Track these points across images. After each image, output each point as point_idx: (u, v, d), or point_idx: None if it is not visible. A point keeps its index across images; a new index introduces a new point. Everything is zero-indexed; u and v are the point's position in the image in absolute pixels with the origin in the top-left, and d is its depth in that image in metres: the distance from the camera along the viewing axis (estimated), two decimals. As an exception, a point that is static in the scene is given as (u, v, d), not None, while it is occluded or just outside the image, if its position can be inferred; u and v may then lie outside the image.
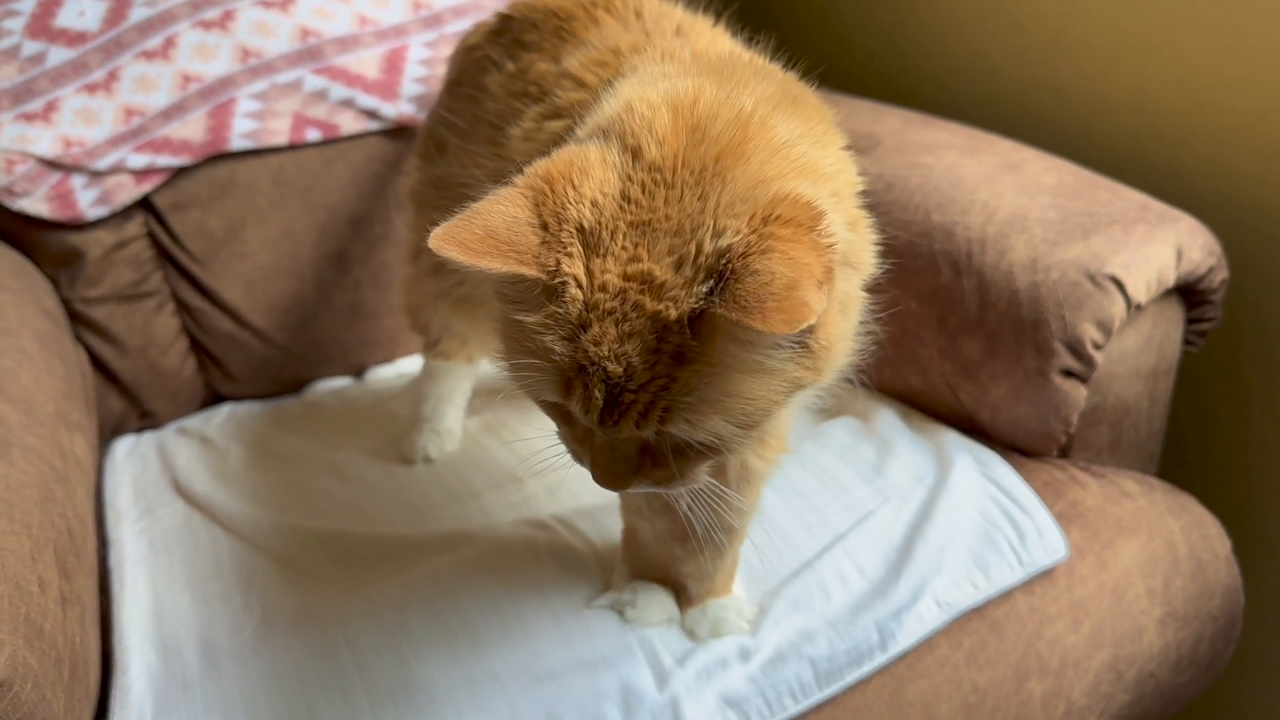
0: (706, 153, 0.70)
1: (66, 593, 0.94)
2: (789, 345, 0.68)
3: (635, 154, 0.71)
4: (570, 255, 0.69)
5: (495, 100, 1.03)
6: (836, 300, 0.71)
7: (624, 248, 0.68)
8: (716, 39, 0.96)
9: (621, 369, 0.67)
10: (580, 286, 0.68)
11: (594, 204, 0.70)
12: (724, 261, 0.66)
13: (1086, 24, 1.49)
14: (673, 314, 0.66)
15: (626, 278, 0.67)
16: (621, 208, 0.69)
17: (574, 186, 0.70)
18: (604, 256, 0.68)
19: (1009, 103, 1.61)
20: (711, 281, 0.66)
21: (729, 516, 0.88)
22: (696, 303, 0.66)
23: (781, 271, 0.63)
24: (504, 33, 1.08)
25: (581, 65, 0.92)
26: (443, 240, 0.67)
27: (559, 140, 0.80)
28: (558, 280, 0.68)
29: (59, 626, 0.90)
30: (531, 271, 0.68)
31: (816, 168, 0.74)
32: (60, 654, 0.88)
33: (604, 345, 0.67)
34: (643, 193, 0.69)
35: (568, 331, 0.69)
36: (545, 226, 0.69)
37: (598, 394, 0.68)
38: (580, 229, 0.69)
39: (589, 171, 0.71)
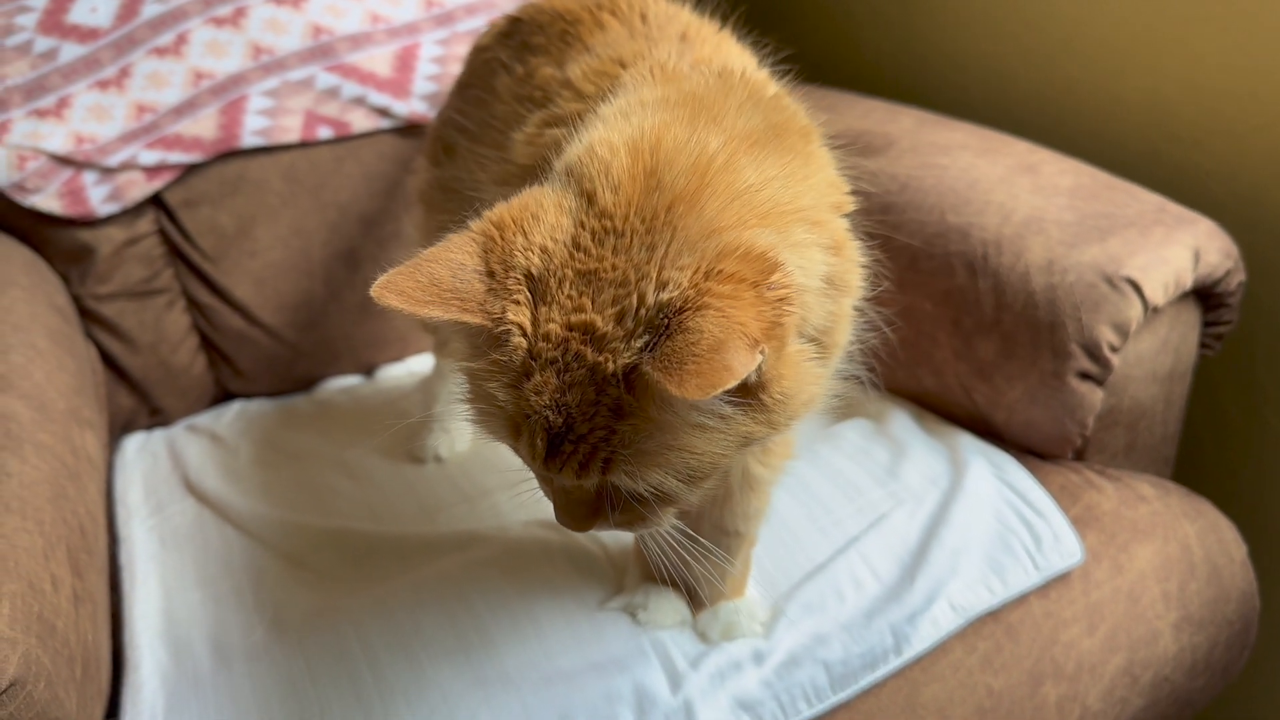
0: (659, 200, 0.68)
1: (79, 590, 0.94)
2: (734, 402, 0.67)
3: (590, 199, 0.70)
4: (517, 303, 0.68)
5: (503, 103, 1.02)
6: (794, 350, 0.69)
7: (569, 297, 0.67)
8: (721, 45, 0.95)
9: (561, 419, 0.66)
10: (524, 335, 0.67)
11: (544, 250, 0.69)
12: (663, 316, 0.65)
13: (1100, 24, 1.48)
14: (610, 367, 0.65)
15: (570, 327, 0.66)
16: (571, 255, 0.68)
17: (524, 233, 0.69)
18: (550, 305, 0.67)
19: (1021, 103, 1.60)
20: (648, 336, 0.65)
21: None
22: (632, 357, 0.65)
23: (710, 331, 0.61)
24: (513, 35, 1.07)
25: (583, 75, 0.92)
26: (384, 289, 0.66)
27: (559, 146, 0.80)
28: (501, 328, 0.68)
29: (71, 624, 0.89)
30: (474, 319, 0.68)
31: (785, 207, 0.71)
32: (73, 652, 0.88)
33: (545, 395, 0.66)
34: (593, 240, 0.68)
35: (511, 379, 0.68)
36: (492, 274, 0.68)
37: (539, 442, 0.68)
38: (528, 276, 0.68)
39: (541, 217, 0.70)
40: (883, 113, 1.47)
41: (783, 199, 0.71)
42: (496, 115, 1.02)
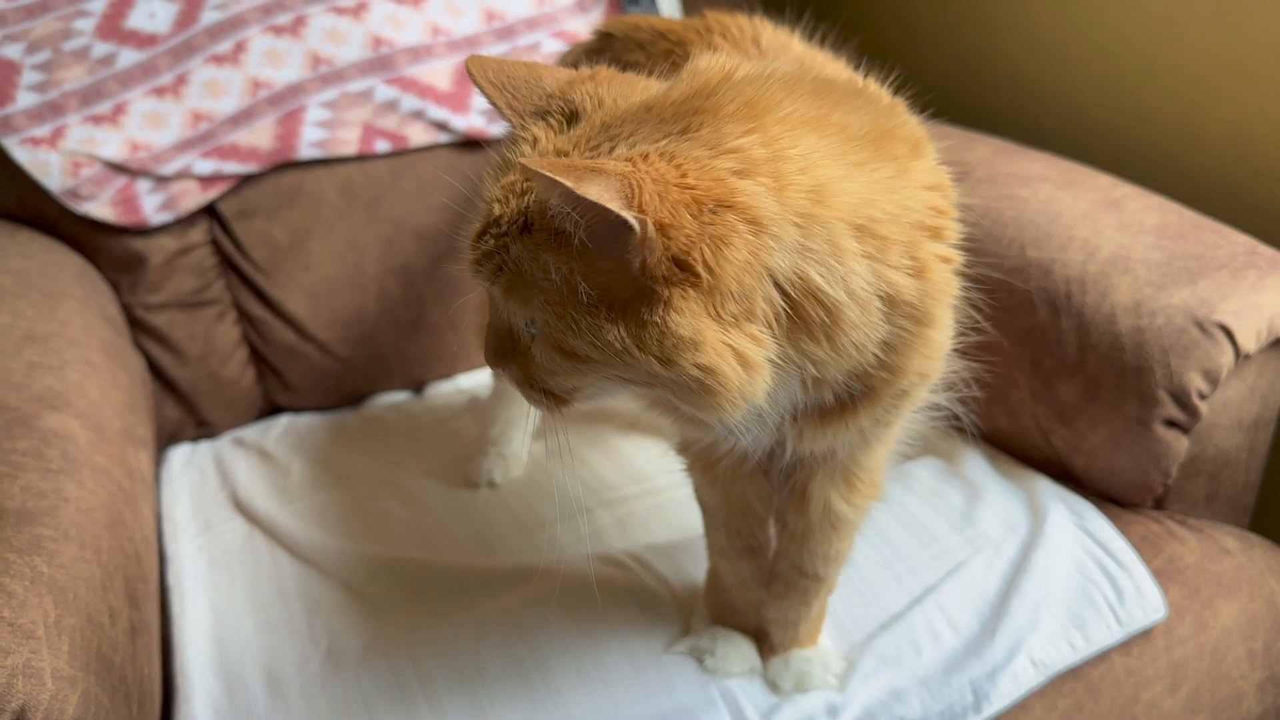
0: (704, 104, 0.66)
1: (135, 622, 0.91)
2: (606, 299, 0.64)
3: (666, 91, 0.70)
4: (546, 124, 0.71)
5: None
6: (715, 312, 0.63)
7: (579, 135, 0.68)
8: (839, 72, 0.92)
9: (497, 214, 0.67)
10: (531, 144, 0.70)
11: (597, 100, 0.70)
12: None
13: (1179, 52, 1.44)
14: None
15: (556, 150, 0.68)
16: (613, 115, 0.69)
17: (602, 85, 0.72)
18: (562, 135, 0.69)
19: (1095, 132, 1.56)
20: None
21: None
22: None
23: (604, 165, 0.61)
24: (604, 50, 1.04)
25: None
26: (474, 60, 0.74)
27: None
28: (521, 134, 0.71)
29: (128, 659, 0.87)
30: (508, 116, 0.73)
31: (832, 200, 0.64)
32: (129, 688, 0.85)
33: (499, 188, 0.68)
34: (636, 111, 0.68)
35: (498, 173, 0.70)
36: (550, 96, 0.73)
37: (476, 226, 0.69)
38: (569, 112, 0.71)
39: (619, 82, 0.72)
40: (957, 139, 1.43)
41: (835, 190, 0.65)
42: None
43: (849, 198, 0.65)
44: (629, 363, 0.64)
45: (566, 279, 0.64)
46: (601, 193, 0.58)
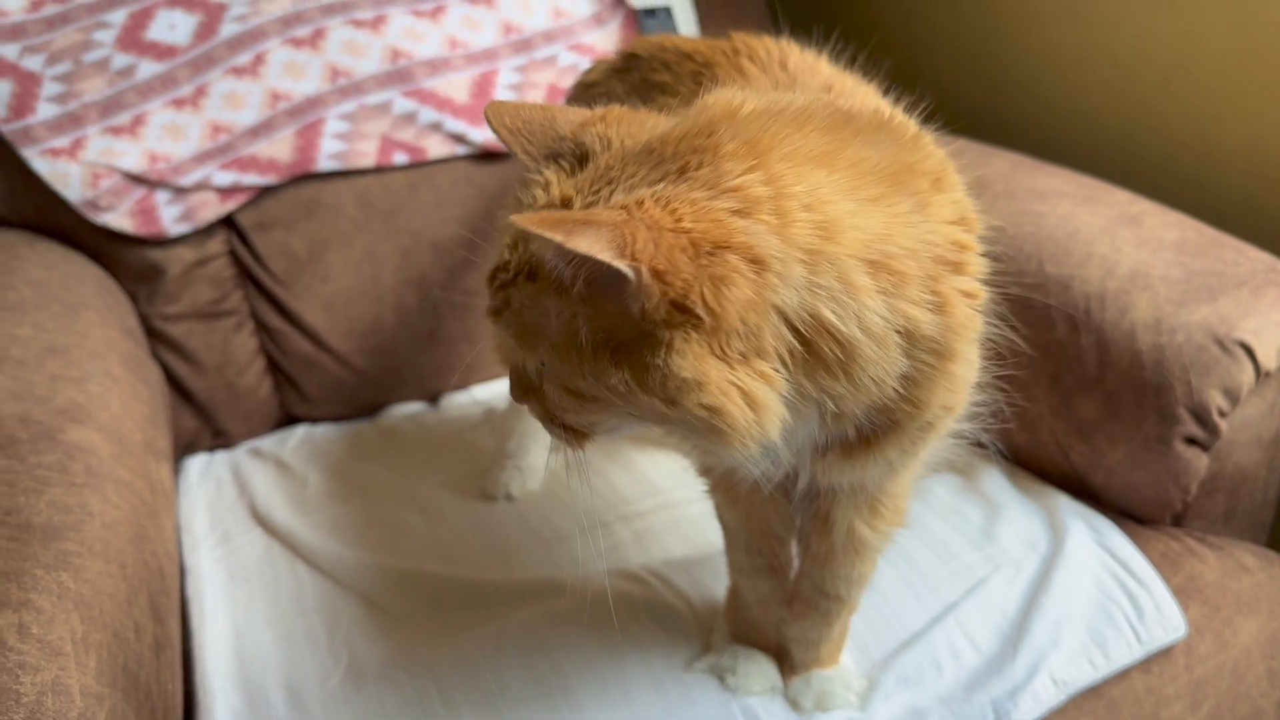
0: (704, 144, 0.65)
1: (160, 637, 0.92)
2: (610, 339, 0.64)
3: (671, 129, 0.69)
4: (558, 166, 0.71)
5: None
6: (720, 351, 0.63)
7: (583, 179, 0.68)
8: (868, 98, 0.91)
9: (505, 259, 0.68)
10: (544, 189, 0.69)
11: (605, 141, 0.70)
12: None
13: (1196, 66, 1.44)
14: None
15: (563, 196, 0.67)
16: (617, 157, 0.68)
17: (610, 125, 0.71)
18: (570, 179, 0.69)
19: (1111, 147, 1.56)
20: None
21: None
22: None
23: (598, 215, 0.61)
24: (630, 70, 1.04)
25: None
26: (494, 106, 0.74)
27: None
28: (535, 177, 0.71)
29: (153, 674, 0.87)
30: (523, 159, 0.73)
31: (841, 237, 0.63)
32: (154, 704, 0.85)
33: (510, 233, 0.68)
34: (638, 153, 0.67)
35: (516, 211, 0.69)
36: (562, 138, 0.72)
37: (493, 265, 0.70)
38: (581, 155, 0.71)
39: (629, 121, 0.72)
40: (975, 154, 1.43)
41: (844, 226, 0.63)
42: None
43: (860, 233, 0.64)
44: (635, 403, 0.64)
45: (569, 324, 0.64)
46: (592, 245, 0.58)
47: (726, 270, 0.60)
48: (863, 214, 0.64)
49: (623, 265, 0.58)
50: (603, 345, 0.64)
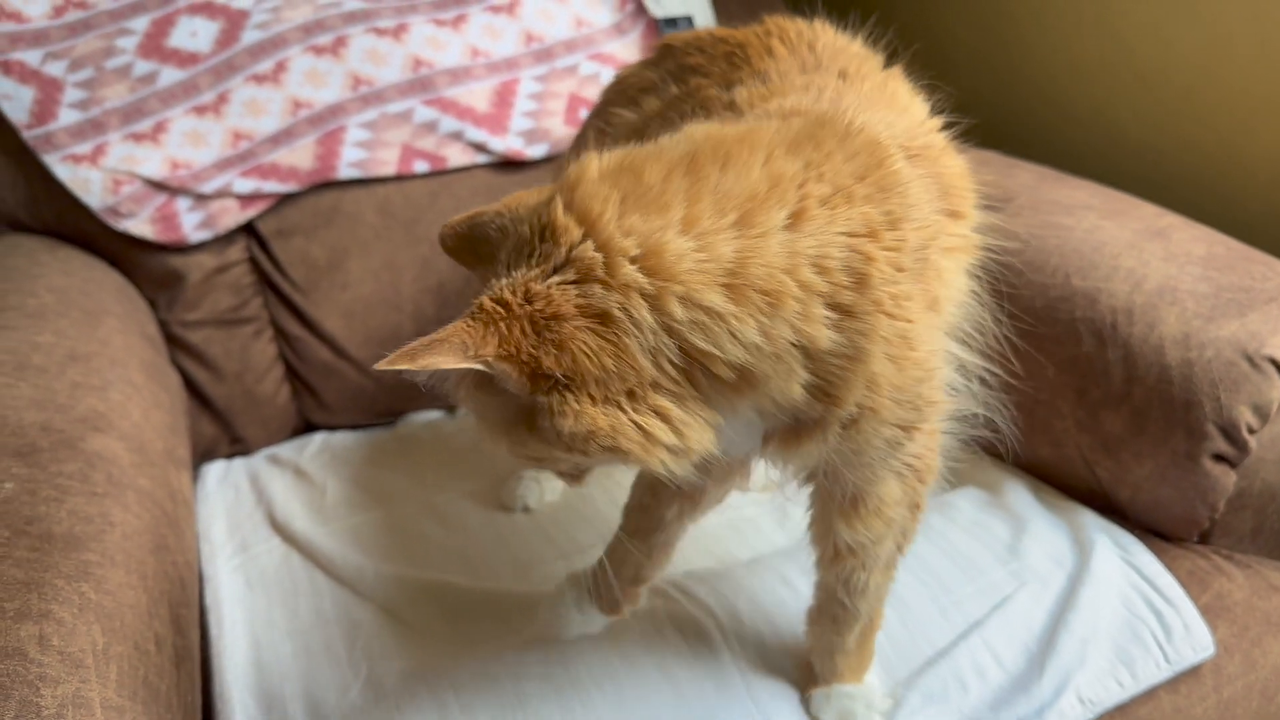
0: (549, 222, 0.69)
1: (180, 648, 0.91)
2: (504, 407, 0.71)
3: (537, 202, 0.74)
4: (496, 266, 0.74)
5: (651, 118, 0.99)
6: (600, 397, 0.68)
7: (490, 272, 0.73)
8: (886, 84, 0.91)
9: None
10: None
11: (502, 230, 0.75)
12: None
13: (1222, 81, 1.43)
14: None
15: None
16: (502, 241, 0.74)
17: (504, 211, 0.75)
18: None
19: (1135, 160, 1.55)
20: None
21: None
22: None
23: (446, 334, 0.67)
24: (665, 59, 1.05)
25: (748, 99, 0.88)
26: (447, 225, 0.79)
27: None
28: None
29: (173, 686, 0.86)
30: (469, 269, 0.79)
31: (675, 261, 0.67)
32: (174, 716, 0.85)
33: None
34: (515, 234, 0.73)
35: None
36: (503, 231, 0.75)
37: None
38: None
39: (517, 202, 0.76)
40: (999, 165, 1.42)
41: (680, 261, 0.66)
42: (639, 130, 0.98)
43: (705, 263, 0.66)
44: (565, 457, 0.71)
45: (482, 408, 0.72)
46: (437, 360, 0.65)
47: (565, 334, 0.66)
48: (708, 245, 0.67)
49: (471, 364, 0.66)
50: (515, 421, 0.70)
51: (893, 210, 0.72)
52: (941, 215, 0.81)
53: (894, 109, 0.87)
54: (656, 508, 0.98)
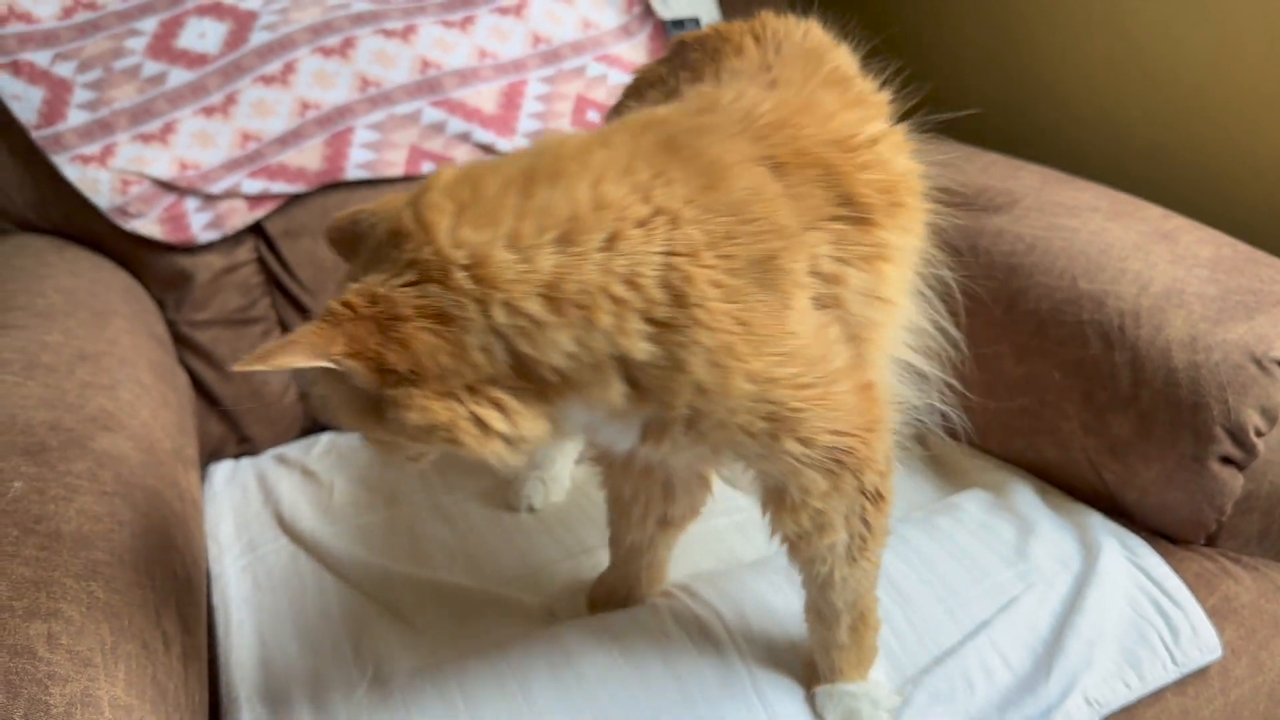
0: (403, 227, 0.74)
1: (187, 647, 0.91)
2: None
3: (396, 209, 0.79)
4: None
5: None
6: (443, 392, 0.72)
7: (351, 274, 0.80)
8: (813, 94, 0.89)
9: None
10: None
11: (371, 227, 0.80)
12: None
13: (1230, 82, 1.43)
14: None
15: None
16: (364, 243, 0.80)
17: (374, 213, 0.80)
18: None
19: (1141, 160, 1.55)
20: None
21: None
22: None
23: (299, 335, 0.71)
24: (676, 55, 1.06)
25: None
26: (331, 221, 0.85)
27: None
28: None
29: (181, 685, 0.87)
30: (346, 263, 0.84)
31: (499, 271, 0.71)
32: (182, 715, 0.85)
33: None
34: (374, 237, 0.79)
35: None
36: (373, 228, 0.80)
37: None
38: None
39: (380, 208, 0.81)
40: (1004, 167, 1.42)
41: (504, 272, 0.71)
42: None
43: (526, 275, 0.71)
44: (410, 445, 0.77)
45: (337, 401, 0.77)
46: (290, 360, 0.70)
47: (406, 332, 0.71)
48: (529, 259, 0.71)
49: (321, 363, 0.70)
50: (366, 412, 0.75)
51: (717, 230, 0.74)
52: (838, 225, 0.82)
53: (814, 116, 0.86)
54: (628, 528, 1.04)
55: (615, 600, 1.09)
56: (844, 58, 1.00)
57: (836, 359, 0.80)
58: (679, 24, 1.62)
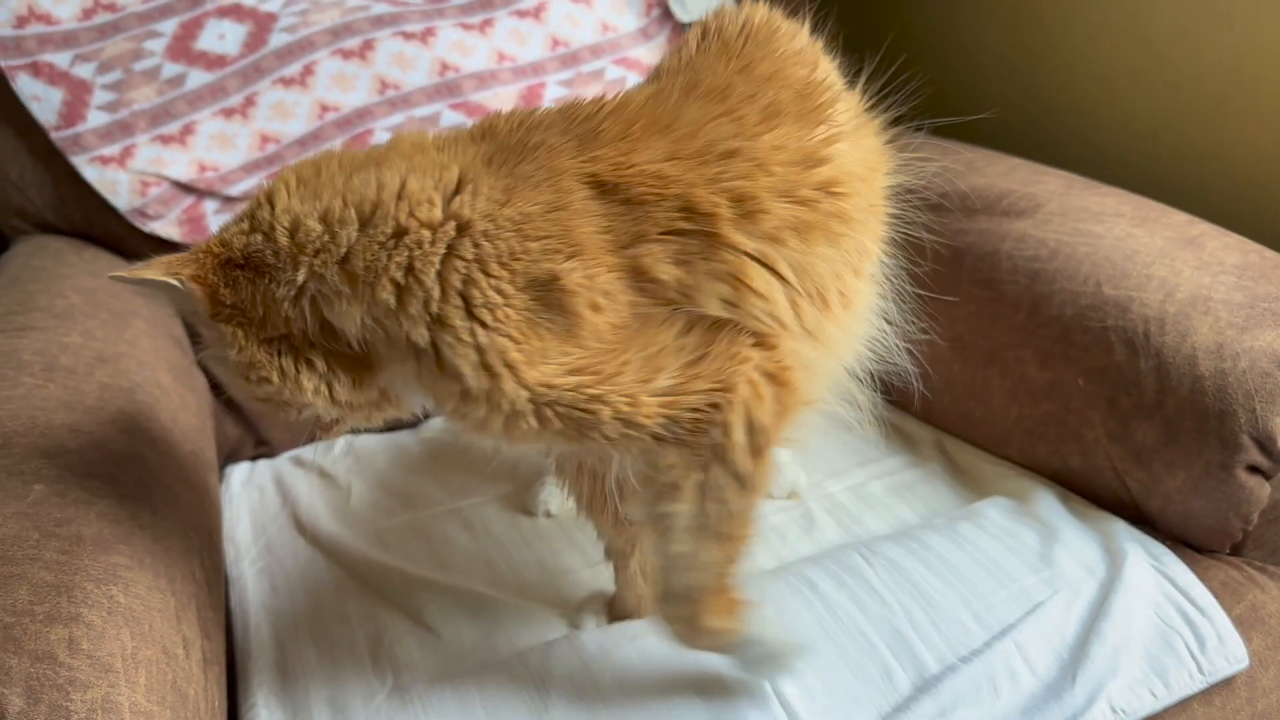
0: (259, 194, 0.84)
1: (207, 652, 0.91)
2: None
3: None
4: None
5: None
6: (263, 340, 0.81)
7: None
8: (729, 102, 0.88)
9: None
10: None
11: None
12: None
13: (1254, 88, 1.41)
14: None
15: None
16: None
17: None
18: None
19: (1165, 166, 1.54)
20: None
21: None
22: None
23: (162, 259, 0.83)
24: (683, 48, 1.06)
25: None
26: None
27: None
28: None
29: (201, 691, 0.86)
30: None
31: (311, 238, 0.80)
32: (202, 720, 0.85)
33: None
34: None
35: None
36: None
37: None
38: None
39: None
40: (1026, 172, 1.41)
41: (313, 238, 0.79)
42: None
43: (327, 244, 0.79)
44: (243, 387, 0.84)
45: (210, 342, 0.86)
46: (147, 274, 0.81)
47: (236, 275, 0.81)
48: (334, 233, 0.79)
49: (166, 279, 0.81)
50: (223, 356, 0.84)
51: (502, 247, 0.78)
52: (678, 237, 0.82)
53: (674, 122, 0.86)
54: (604, 532, 1.07)
55: (629, 611, 1.09)
56: (802, 54, 0.97)
57: (668, 360, 0.80)
58: (698, 27, 1.62)
